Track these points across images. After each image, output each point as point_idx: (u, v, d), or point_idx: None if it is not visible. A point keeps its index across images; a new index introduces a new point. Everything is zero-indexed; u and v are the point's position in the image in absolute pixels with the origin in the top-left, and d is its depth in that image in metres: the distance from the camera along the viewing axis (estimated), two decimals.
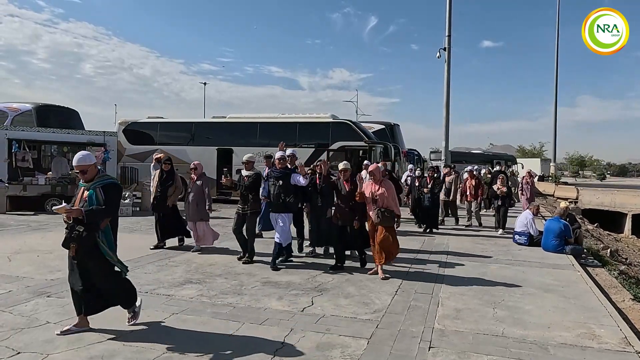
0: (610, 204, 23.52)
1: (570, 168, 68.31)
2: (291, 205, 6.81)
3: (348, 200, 6.66)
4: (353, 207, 6.65)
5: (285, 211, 6.78)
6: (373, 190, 6.37)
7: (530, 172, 14.88)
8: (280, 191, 6.73)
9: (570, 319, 4.84)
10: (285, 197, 6.71)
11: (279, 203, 6.73)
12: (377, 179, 6.39)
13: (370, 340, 4.09)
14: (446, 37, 14.97)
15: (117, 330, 4.20)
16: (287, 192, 6.73)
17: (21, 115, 16.00)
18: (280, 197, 6.72)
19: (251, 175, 7.07)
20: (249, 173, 7.12)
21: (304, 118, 17.70)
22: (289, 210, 6.82)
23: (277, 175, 6.81)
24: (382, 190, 6.31)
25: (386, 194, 6.31)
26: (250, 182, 6.99)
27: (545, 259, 7.89)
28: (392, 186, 6.52)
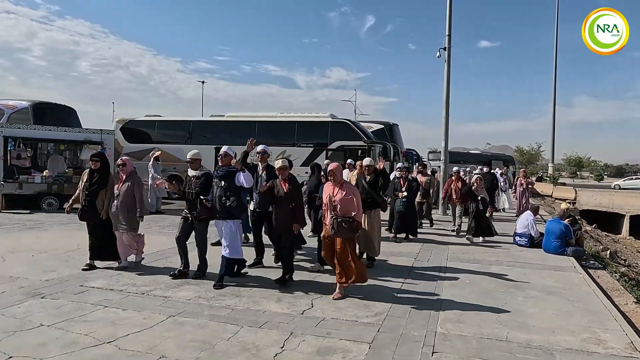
0: (608, 205, 23.51)
1: (567, 169, 68.43)
2: (235, 210, 5.77)
3: (287, 202, 5.82)
4: (293, 211, 5.84)
5: (229, 217, 5.78)
6: (331, 194, 5.40)
7: (525, 172, 14.67)
8: (223, 193, 5.76)
9: (575, 322, 4.76)
10: (227, 200, 5.72)
11: (222, 208, 5.75)
12: (337, 180, 5.42)
13: (372, 345, 4.00)
14: (446, 37, 14.84)
15: (111, 333, 4.10)
16: (231, 195, 5.75)
17: (17, 113, 15.85)
18: (221, 200, 5.75)
19: (200, 176, 6.04)
20: (196, 173, 6.09)
21: (302, 117, 17.63)
22: (233, 217, 5.81)
23: (220, 174, 5.84)
24: (341, 194, 5.33)
25: (347, 199, 5.31)
26: (199, 184, 5.97)
27: (546, 261, 7.82)
28: (355, 190, 5.58)
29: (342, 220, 5.24)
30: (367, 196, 6.79)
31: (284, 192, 5.83)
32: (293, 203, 5.84)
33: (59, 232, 9.68)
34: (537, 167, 60.32)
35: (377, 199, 6.94)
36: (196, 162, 6.12)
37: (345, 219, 5.24)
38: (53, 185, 13.21)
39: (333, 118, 17.12)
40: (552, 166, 36.53)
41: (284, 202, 5.82)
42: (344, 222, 5.23)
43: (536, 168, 58.11)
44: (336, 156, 15.92)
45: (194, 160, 6.13)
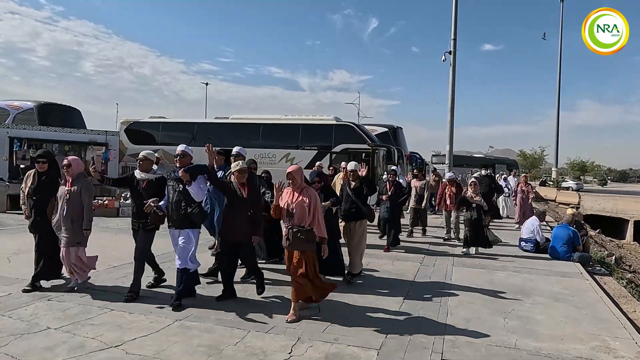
0: (612, 209, 23.40)
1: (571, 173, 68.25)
2: (197, 217, 5.11)
3: (245, 209, 5.13)
4: (252, 219, 5.16)
5: (189, 226, 5.11)
6: (289, 200, 4.76)
7: (526, 177, 13.59)
8: (182, 198, 5.06)
9: (583, 330, 4.73)
10: (188, 206, 5.05)
11: (180, 214, 5.05)
12: (296, 184, 4.78)
13: (380, 351, 3.97)
14: (451, 41, 14.87)
15: (118, 337, 4.09)
16: (192, 200, 5.08)
17: (23, 114, 15.91)
18: (180, 206, 5.05)
19: (151, 180, 5.34)
20: (146, 176, 5.33)
21: (307, 120, 17.63)
22: (193, 225, 5.15)
23: (178, 176, 5.12)
24: (299, 200, 4.70)
25: (305, 207, 4.69)
26: (149, 188, 5.27)
27: (552, 267, 7.78)
28: (315, 196, 4.86)
29: (299, 231, 4.65)
30: (352, 205, 6.39)
31: (243, 198, 5.16)
32: (252, 210, 5.18)
33: None
34: (540, 171, 60.16)
35: (362, 208, 6.40)
36: (146, 162, 5.39)
37: (302, 229, 4.66)
38: None
39: (337, 121, 17.11)
40: (556, 170, 36.38)
41: (242, 208, 5.13)
42: (300, 232, 4.65)
43: (539, 172, 57.95)
44: (340, 159, 15.91)
45: (145, 160, 5.37)
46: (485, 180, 12.64)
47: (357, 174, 6.51)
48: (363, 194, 6.44)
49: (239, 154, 6.41)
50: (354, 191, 6.45)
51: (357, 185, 6.48)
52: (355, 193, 6.43)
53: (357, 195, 6.42)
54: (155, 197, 5.17)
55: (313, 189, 5.06)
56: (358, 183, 6.48)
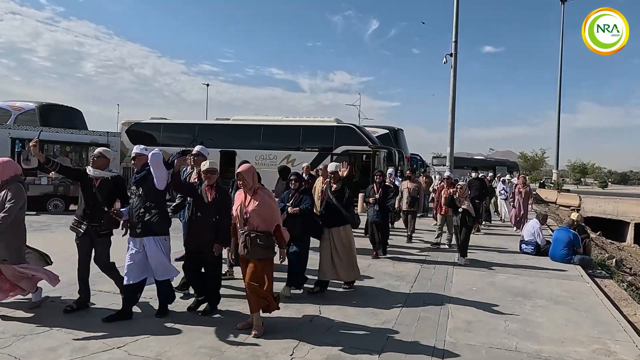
0: (612, 212, 23.41)
1: (572, 175, 68.23)
2: (157, 225, 4.56)
3: (210, 214, 4.68)
4: (217, 226, 4.69)
5: (150, 234, 4.56)
6: (243, 204, 4.35)
7: (524, 178, 13.03)
8: (141, 204, 4.58)
9: (584, 333, 4.74)
10: (147, 212, 4.55)
11: (140, 222, 4.55)
12: (248, 185, 4.32)
13: (381, 354, 3.98)
14: (452, 43, 14.90)
15: (121, 338, 4.10)
16: (151, 206, 4.56)
17: (24, 114, 15.94)
18: (139, 212, 4.57)
19: (106, 178, 4.78)
20: (100, 174, 4.75)
21: (308, 121, 17.67)
22: (155, 233, 4.57)
23: (136, 179, 4.70)
24: (254, 203, 4.28)
25: (260, 210, 4.27)
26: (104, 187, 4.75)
27: (553, 269, 7.79)
28: (271, 198, 4.43)
29: (257, 236, 4.21)
30: (333, 210, 5.88)
31: (208, 201, 4.73)
32: (217, 216, 4.73)
33: (66, 234, 9.62)
34: (541, 173, 60.16)
35: (344, 213, 5.88)
36: (101, 159, 4.80)
37: (260, 234, 4.23)
38: (59, 187, 13.27)
39: (338, 123, 17.14)
40: (557, 172, 36.40)
41: (207, 213, 4.66)
42: (258, 237, 4.21)
43: (540, 174, 57.95)
44: (341, 161, 15.94)
45: (99, 157, 4.80)
46: (476, 183, 12.25)
47: (339, 175, 6.05)
48: (345, 197, 5.93)
49: (199, 153, 5.80)
50: (335, 194, 5.94)
51: (339, 188, 5.98)
52: (337, 196, 5.92)
53: (338, 199, 5.90)
54: (111, 198, 4.81)
55: (268, 190, 4.49)
56: (340, 185, 6.00)
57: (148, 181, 4.59)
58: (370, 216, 8.29)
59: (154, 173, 4.55)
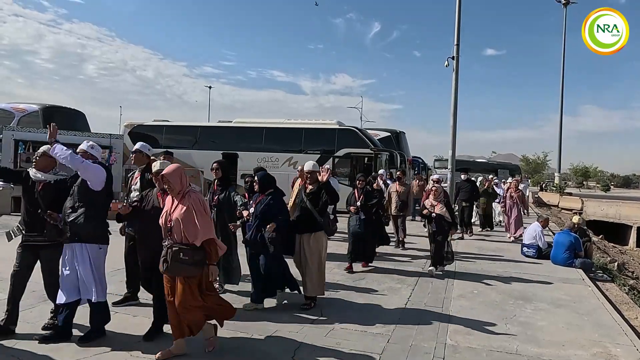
0: (615, 215, 23.35)
1: (574, 179, 68.14)
2: (82, 228, 3.95)
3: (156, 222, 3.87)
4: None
5: (77, 240, 3.99)
6: (168, 211, 3.75)
7: (517, 181, 12.20)
8: (71, 204, 4.04)
9: (585, 336, 4.75)
10: (73, 212, 4.00)
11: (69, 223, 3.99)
12: (174, 190, 3.71)
13: (382, 356, 4.00)
14: (454, 46, 14.89)
15: (124, 342, 4.12)
16: (80, 206, 4.01)
17: (28, 116, 16.02)
18: (66, 213, 4.03)
19: (49, 182, 4.19)
20: (43, 176, 4.19)
21: (310, 124, 17.71)
22: (80, 239, 3.98)
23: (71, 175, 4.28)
24: (180, 211, 3.66)
25: (187, 217, 3.63)
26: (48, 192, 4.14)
27: (554, 273, 7.79)
28: (201, 201, 3.75)
29: (180, 250, 3.63)
30: (305, 214, 5.30)
31: (158, 207, 4.07)
32: None
33: None
34: (543, 176, 60.10)
35: (317, 219, 5.27)
36: (44, 159, 4.20)
37: (184, 248, 3.63)
38: None
39: (340, 125, 17.18)
40: (559, 176, 36.32)
41: (156, 220, 3.89)
42: (182, 251, 3.62)
43: (542, 177, 57.89)
44: (343, 163, 15.98)
45: (42, 157, 4.21)
46: (466, 185, 11.62)
47: (316, 176, 5.47)
48: (321, 201, 5.30)
49: (138, 150, 5.16)
50: (310, 197, 5.34)
51: (314, 190, 5.36)
52: (311, 199, 5.32)
53: (313, 202, 5.30)
54: (54, 204, 4.10)
55: (199, 195, 3.81)
56: (315, 187, 5.38)
57: (82, 179, 4.07)
58: (352, 226, 7.42)
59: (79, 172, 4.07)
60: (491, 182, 13.82)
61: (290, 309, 5.19)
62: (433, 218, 7.23)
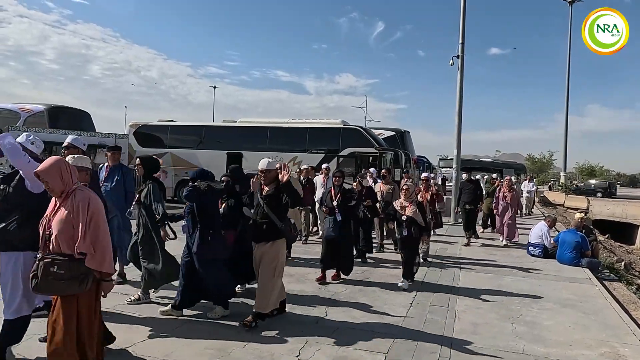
0: (621, 215, 23.21)
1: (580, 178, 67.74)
2: (11, 234, 3.45)
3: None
4: None
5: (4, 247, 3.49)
6: (48, 215, 3.08)
7: (510, 180, 11.04)
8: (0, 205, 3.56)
9: (592, 336, 4.71)
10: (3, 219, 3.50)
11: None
12: (55, 190, 3.04)
13: (388, 355, 3.99)
14: (459, 45, 14.85)
15: (128, 338, 4.12)
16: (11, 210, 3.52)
17: (33, 116, 16.08)
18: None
19: None
20: None
21: (314, 123, 17.67)
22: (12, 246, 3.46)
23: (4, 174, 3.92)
24: (60, 215, 2.99)
25: (67, 223, 2.97)
26: None
27: (561, 272, 7.74)
28: (89, 202, 3.01)
29: (54, 262, 2.93)
30: (263, 218, 4.65)
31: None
32: None
33: None
34: (548, 175, 59.82)
35: (277, 224, 4.62)
36: None
37: (60, 260, 2.94)
38: None
39: (344, 125, 17.13)
40: (564, 175, 36.16)
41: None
42: (56, 264, 2.92)
43: (548, 177, 57.63)
44: (347, 163, 15.94)
45: None
46: (469, 186, 10.53)
47: (273, 175, 4.72)
48: (281, 204, 4.64)
49: (71, 145, 4.86)
50: (267, 199, 4.68)
51: (271, 192, 4.71)
52: (268, 202, 4.66)
53: (270, 205, 4.64)
54: None
55: (90, 192, 3.14)
56: (273, 188, 4.71)
57: (19, 179, 3.58)
58: (327, 229, 6.59)
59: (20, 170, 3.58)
60: (498, 181, 13.08)
61: (297, 308, 5.18)
62: (403, 221, 6.34)
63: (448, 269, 7.62)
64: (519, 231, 10.80)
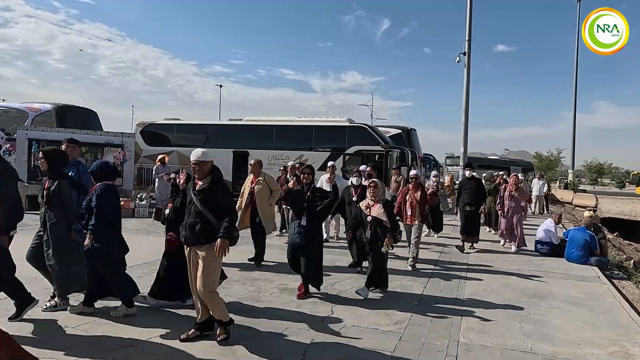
0: (630, 212, 22.97)
1: (588, 175, 67.24)
2: None
3: None
4: None
5: None
6: None
7: (517, 178, 9.85)
8: None
9: (601, 335, 4.66)
10: None
11: None
12: None
13: (394, 354, 3.96)
14: (466, 42, 14.80)
15: (134, 337, 4.13)
16: None
17: (41, 116, 16.20)
18: None
19: None
20: None
21: (320, 121, 17.66)
22: None
23: None
24: None
25: None
26: None
27: (569, 271, 7.67)
28: None
29: None
30: (196, 217, 4.02)
31: None
32: None
33: None
34: (556, 173, 59.42)
35: (214, 224, 3.97)
36: None
37: None
38: None
39: (351, 122, 17.11)
40: (572, 172, 35.89)
41: None
42: None
43: (555, 174, 57.25)
44: (353, 161, 15.90)
45: None
46: (470, 184, 9.31)
47: (208, 167, 4.14)
48: (218, 200, 4.05)
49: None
50: (200, 195, 4.04)
51: (206, 187, 4.05)
52: (202, 199, 4.03)
53: (204, 202, 4.01)
54: None
55: None
56: (207, 183, 4.08)
57: None
58: (291, 235, 5.60)
59: None
60: (501, 178, 11.83)
61: (303, 307, 5.17)
62: (368, 222, 5.72)
63: (455, 268, 7.57)
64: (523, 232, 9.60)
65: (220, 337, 4.08)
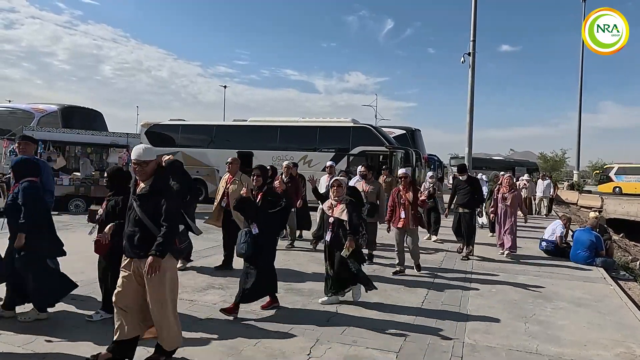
0: (636, 213, 22.88)
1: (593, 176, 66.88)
2: None
3: None
4: None
5: None
6: None
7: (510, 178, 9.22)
8: None
9: (607, 336, 4.64)
10: None
11: None
12: None
13: (399, 354, 3.96)
14: (471, 42, 14.77)
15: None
16: None
17: (47, 116, 16.30)
18: None
19: None
20: None
21: (324, 122, 17.66)
22: None
23: None
24: None
25: None
26: None
27: (575, 272, 7.64)
28: None
29: None
30: (134, 227, 3.50)
31: None
32: None
33: (86, 234, 9.84)
34: (561, 174, 59.17)
35: (155, 234, 3.43)
36: None
37: None
38: (80, 187, 13.50)
39: (355, 123, 17.10)
40: (577, 173, 35.72)
41: None
42: None
43: (560, 175, 57.01)
44: (358, 161, 15.90)
45: None
46: (464, 186, 8.50)
47: (151, 167, 3.57)
48: (159, 205, 3.47)
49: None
50: (140, 200, 3.53)
51: (146, 191, 3.54)
52: (142, 204, 3.51)
53: (144, 208, 3.50)
54: None
55: None
56: (149, 185, 3.55)
57: None
58: (238, 245, 4.87)
59: None
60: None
61: (308, 306, 5.17)
62: (329, 224, 5.33)
63: (460, 268, 7.55)
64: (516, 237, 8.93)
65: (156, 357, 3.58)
